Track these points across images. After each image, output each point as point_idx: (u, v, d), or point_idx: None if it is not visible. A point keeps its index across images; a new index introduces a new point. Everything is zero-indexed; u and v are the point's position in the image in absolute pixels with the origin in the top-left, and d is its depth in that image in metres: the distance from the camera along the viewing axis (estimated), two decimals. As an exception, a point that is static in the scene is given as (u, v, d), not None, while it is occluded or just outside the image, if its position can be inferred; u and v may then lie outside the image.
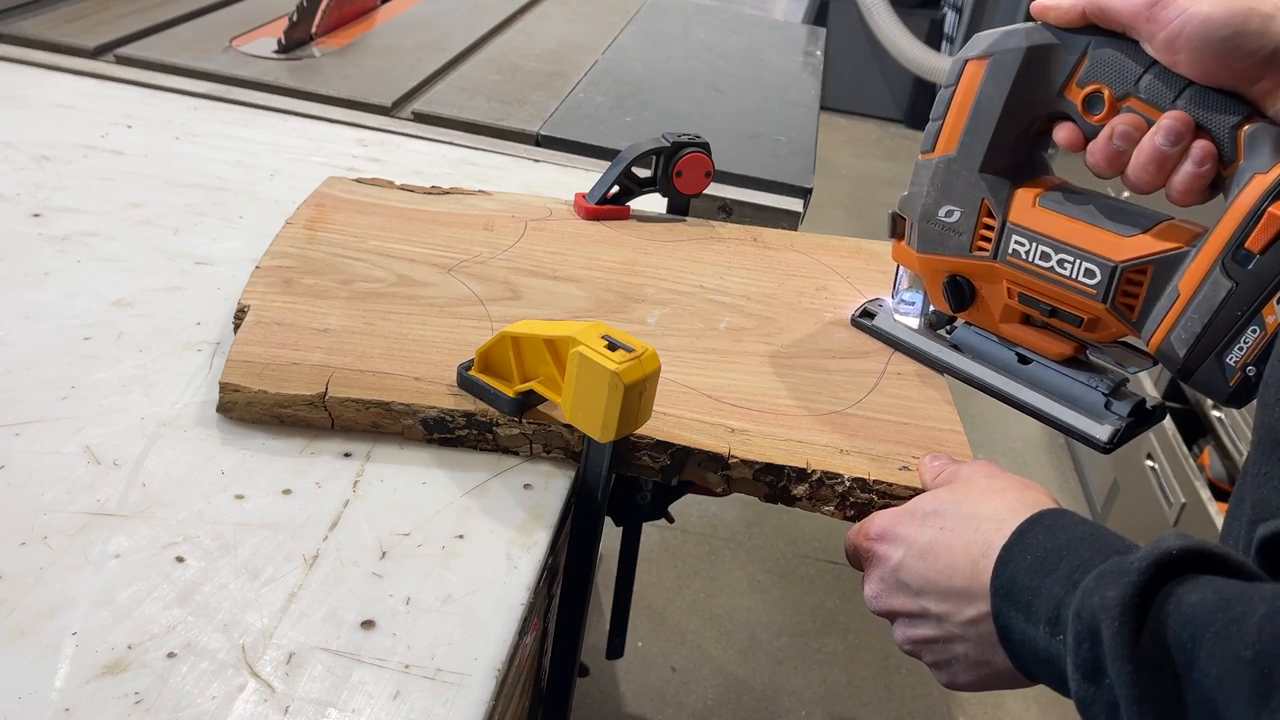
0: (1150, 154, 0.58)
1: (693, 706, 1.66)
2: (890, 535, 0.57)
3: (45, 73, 1.12)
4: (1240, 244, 0.57)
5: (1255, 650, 0.37)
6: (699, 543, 1.99)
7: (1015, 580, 0.49)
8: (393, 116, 1.15)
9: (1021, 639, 0.48)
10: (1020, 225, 0.66)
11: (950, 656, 0.54)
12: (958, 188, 0.69)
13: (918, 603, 0.55)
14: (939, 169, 0.69)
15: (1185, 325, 0.60)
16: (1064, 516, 0.51)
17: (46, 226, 0.82)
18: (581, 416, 0.58)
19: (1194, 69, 0.57)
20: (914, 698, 1.73)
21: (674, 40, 1.55)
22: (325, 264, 0.77)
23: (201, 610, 0.50)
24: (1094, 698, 0.42)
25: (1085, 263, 0.64)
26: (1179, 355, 0.61)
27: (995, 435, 2.40)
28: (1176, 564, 0.42)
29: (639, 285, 0.82)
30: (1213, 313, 0.59)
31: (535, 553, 0.57)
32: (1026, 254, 0.66)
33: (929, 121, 0.69)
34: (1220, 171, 0.58)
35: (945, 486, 0.59)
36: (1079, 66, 0.62)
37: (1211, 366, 0.60)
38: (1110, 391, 0.68)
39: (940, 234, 0.70)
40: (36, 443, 0.59)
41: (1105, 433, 0.68)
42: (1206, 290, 0.59)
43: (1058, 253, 0.65)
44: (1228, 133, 0.57)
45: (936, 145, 0.69)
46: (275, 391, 0.62)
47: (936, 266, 0.72)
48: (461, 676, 0.49)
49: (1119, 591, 0.41)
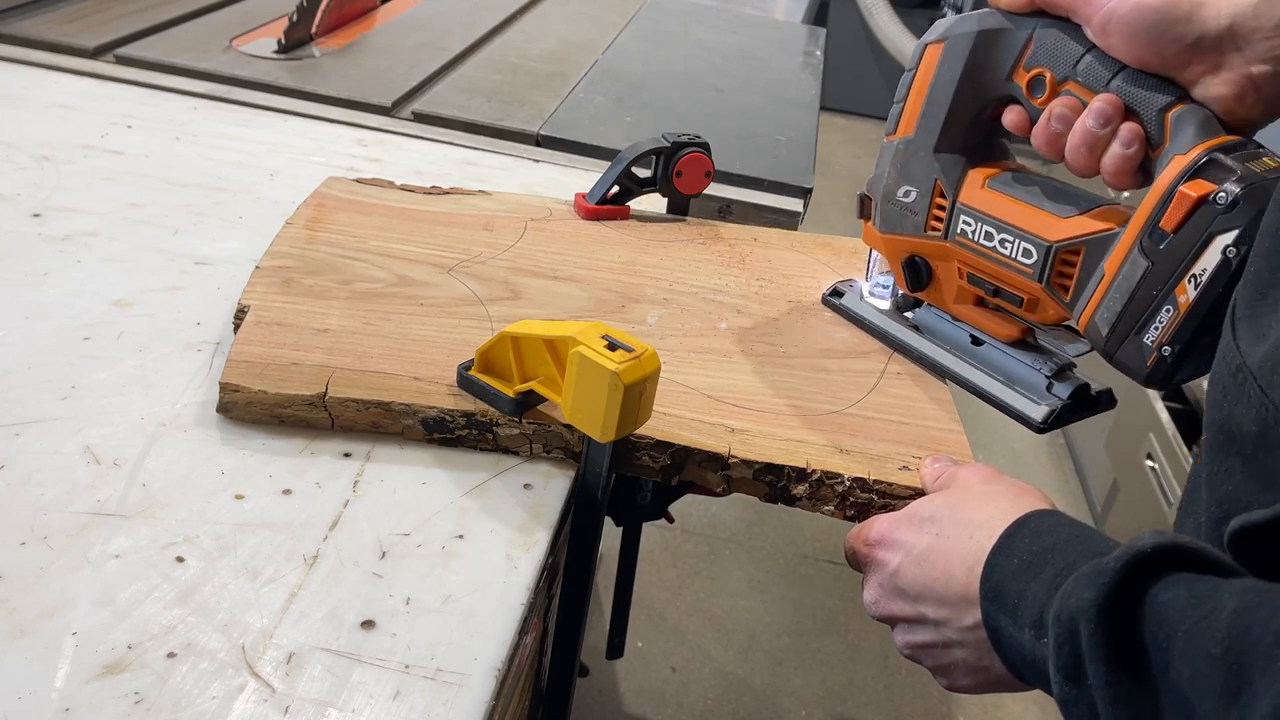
0: (1082, 136, 0.60)
1: (693, 706, 1.66)
2: (887, 541, 0.57)
3: (45, 73, 1.12)
4: (1156, 224, 0.58)
5: (1224, 647, 0.36)
6: (699, 543, 1.99)
7: (1003, 584, 0.49)
8: (393, 116, 1.15)
9: (1010, 642, 0.48)
10: (968, 205, 0.68)
11: (950, 662, 0.54)
12: (915, 168, 0.71)
13: (915, 609, 0.55)
14: (899, 150, 0.71)
15: (1108, 305, 0.61)
16: (1050, 518, 0.51)
17: (46, 226, 0.82)
18: (581, 416, 0.58)
19: (1126, 52, 0.58)
20: (914, 698, 1.73)
21: (674, 40, 1.55)
22: (325, 264, 0.77)
23: (201, 610, 0.50)
24: (1076, 699, 0.42)
25: (1024, 242, 0.65)
26: (1102, 335, 0.62)
27: (995, 435, 2.40)
28: (1152, 562, 0.41)
29: (639, 285, 0.82)
30: (1131, 292, 0.60)
31: (535, 553, 0.57)
32: (973, 234, 0.68)
33: (893, 104, 0.71)
34: (1149, 154, 0.59)
35: (942, 491, 0.59)
36: (1025, 50, 0.64)
37: (1131, 346, 0.61)
38: (1053, 374, 0.70)
39: (899, 214, 0.73)
40: (36, 443, 0.59)
41: (1041, 413, 0.69)
42: (1126, 269, 0.60)
43: (1000, 232, 0.67)
44: (1155, 115, 0.58)
45: (898, 128, 0.71)
46: (275, 391, 0.62)
47: (897, 246, 0.74)
48: (461, 676, 0.49)
49: (1094, 593, 0.41)
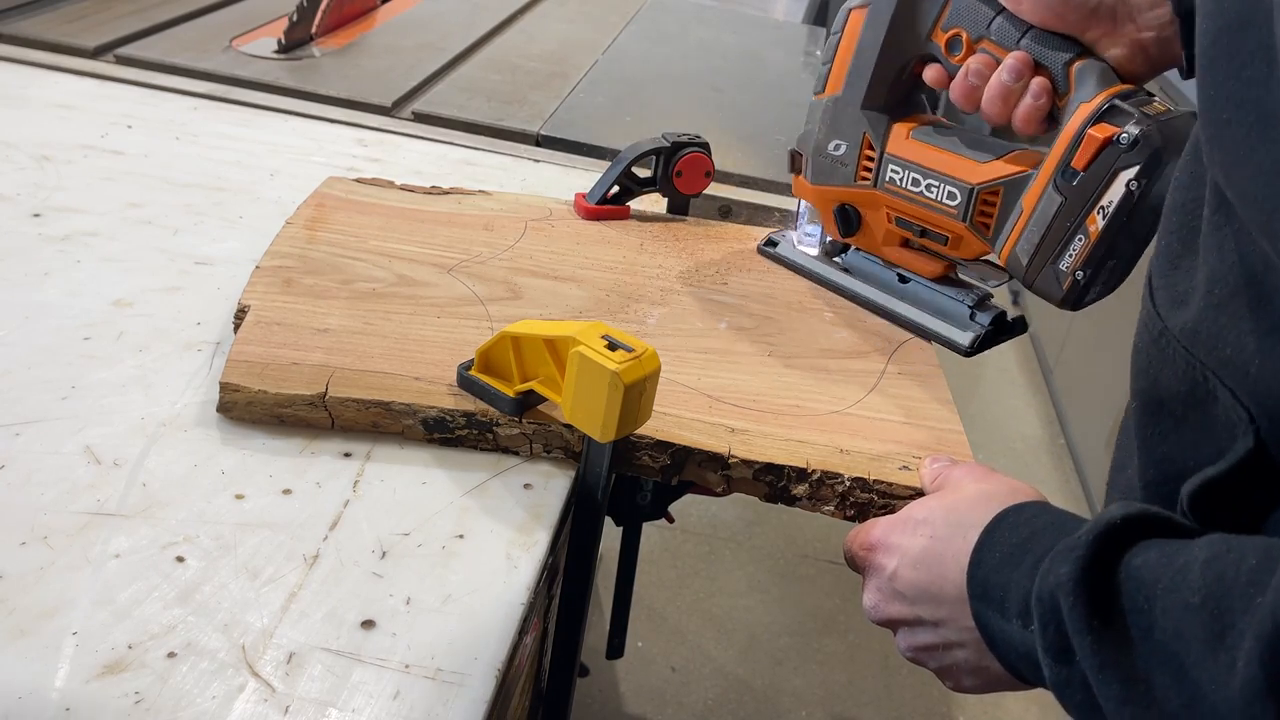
0: (997, 89, 0.67)
1: (693, 706, 1.66)
2: (884, 545, 0.57)
3: (45, 73, 1.12)
4: (1068, 163, 0.66)
5: (1202, 595, 0.37)
6: (699, 543, 1.99)
7: (988, 579, 0.49)
8: (393, 116, 1.15)
9: (1002, 638, 0.48)
10: (896, 155, 0.76)
11: (952, 663, 0.54)
12: (844, 123, 0.78)
13: (914, 611, 0.55)
14: (828, 107, 0.78)
15: (1027, 238, 0.69)
16: (1028, 510, 0.51)
17: (46, 226, 0.82)
18: (581, 416, 0.58)
19: (1034, 15, 0.66)
20: (914, 698, 1.73)
21: (674, 40, 1.55)
22: (325, 264, 0.77)
23: (201, 610, 0.50)
24: (1067, 679, 0.42)
25: (948, 186, 0.73)
26: (1022, 264, 0.70)
27: (995, 435, 2.40)
28: (1122, 531, 0.42)
29: (639, 285, 0.82)
30: (1048, 225, 0.68)
31: (535, 553, 0.57)
32: (901, 180, 0.76)
33: (820, 65, 0.78)
34: (1055, 104, 0.67)
35: (936, 494, 0.59)
36: (943, 12, 0.71)
37: (1048, 273, 0.69)
38: (975, 304, 0.78)
39: (830, 166, 0.79)
40: (36, 443, 0.59)
41: (967, 339, 0.77)
42: (1043, 205, 0.68)
43: (926, 178, 0.74)
44: (1061, 69, 0.66)
45: (826, 86, 0.78)
46: (275, 391, 0.62)
47: (828, 196, 0.81)
48: (461, 676, 0.49)
49: (1069, 568, 0.42)
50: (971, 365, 2.70)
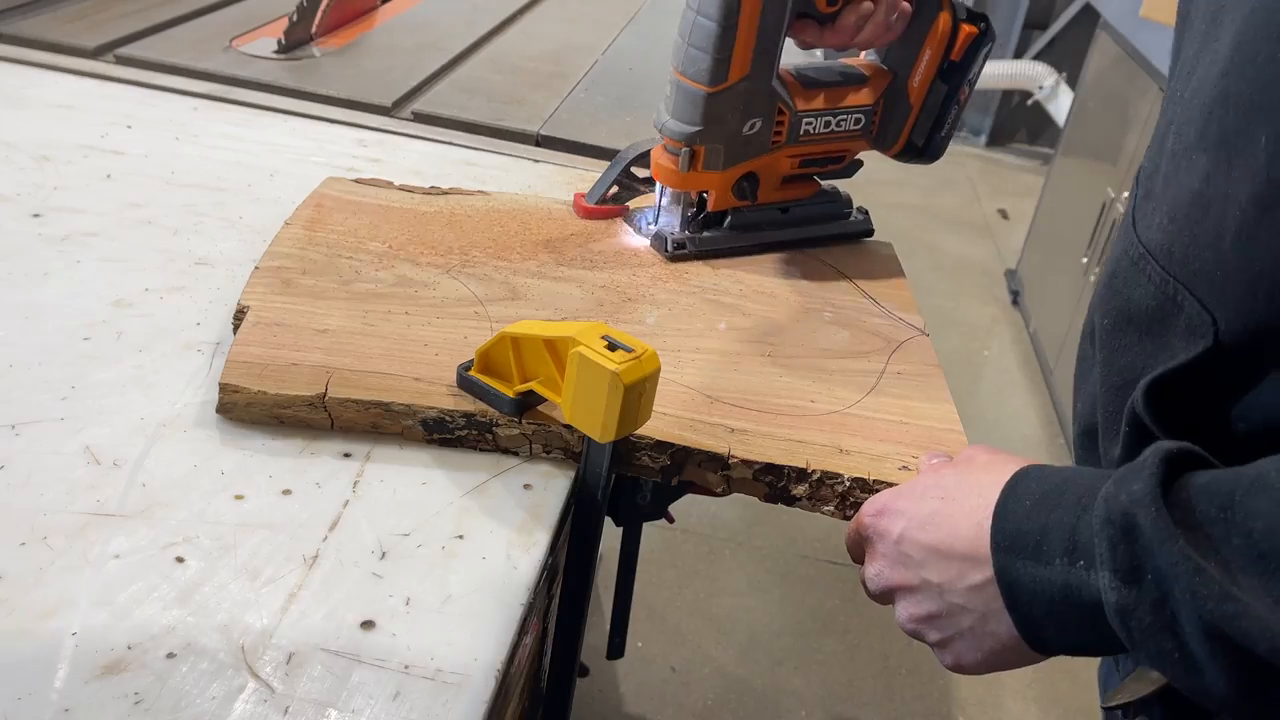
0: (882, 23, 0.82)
1: (693, 706, 1.66)
2: (890, 510, 0.56)
3: (45, 73, 1.12)
4: (947, 57, 0.85)
5: None
6: (699, 543, 1.99)
7: (1018, 528, 0.48)
8: (393, 116, 1.15)
9: (1033, 587, 0.47)
10: (807, 110, 0.85)
11: (955, 632, 0.53)
12: (757, 102, 0.82)
13: (919, 574, 0.54)
14: (740, 93, 0.80)
15: (920, 126, 0.88)
16: (1047, 468, 0.51)
17: (46, 226, 0.82)
18: (581, 417, 0.58)
19: None
20: (914, 698, 1.73)
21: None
22: (325, 264, 0.77)
23: (201, 610, 0.50)
24: (1136, 602, 0.42)
25: (854, 115, 0.87)
26: (919, 146, 0.89)
27: (995, 435, 2.40)
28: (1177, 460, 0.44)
29: (639, 285, 0.82)
30: (937, 109, 0.87)
31: (535, 553, 0.57)
32: (814, 129, 0.86)
33: (709, 60, 0.78)
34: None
35: (946, 463, 0.59)
36: None
37: (935, 143, 0.90)
38: (846, 200, 0.93)
39: (744, 146, 0.84)
40: (36, 443, 0.59)
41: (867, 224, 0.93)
42: (932, 96, 0.87)
43: (836, 117, 0.86)
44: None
45: (729, 75, 0.79)
46: (275, 392, 0.62)
47: (735, 174, 0.85)
48: (461, 676, 0.49)
49: (1144, 484, 0.43)
50: (971, 365, 2.70)
